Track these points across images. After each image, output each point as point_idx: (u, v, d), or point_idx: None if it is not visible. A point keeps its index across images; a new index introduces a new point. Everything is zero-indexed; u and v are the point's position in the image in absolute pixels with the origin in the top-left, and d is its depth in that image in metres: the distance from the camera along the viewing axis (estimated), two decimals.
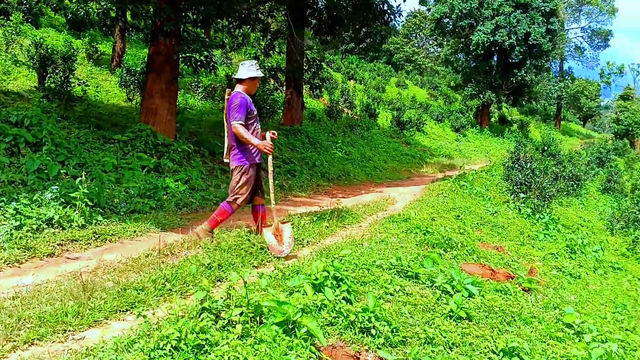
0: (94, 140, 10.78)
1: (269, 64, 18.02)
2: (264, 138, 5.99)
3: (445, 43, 46.62)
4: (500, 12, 37.58)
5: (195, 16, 11.23)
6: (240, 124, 5.73)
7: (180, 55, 11.07)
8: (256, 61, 6.41)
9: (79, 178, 7.02)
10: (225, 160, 6.16)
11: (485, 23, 37.84)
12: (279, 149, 15.74)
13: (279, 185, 12.06)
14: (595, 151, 34.39)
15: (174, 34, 11.15)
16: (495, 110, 47.38)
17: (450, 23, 40.78)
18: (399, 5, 22.83)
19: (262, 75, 6.30)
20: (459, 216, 9.72)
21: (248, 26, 14.66)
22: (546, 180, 12.99)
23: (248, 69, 5.99)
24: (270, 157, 5.94)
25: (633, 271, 10.38)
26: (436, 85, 59.30)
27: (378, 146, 22.31)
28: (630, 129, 50.22)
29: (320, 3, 15.77)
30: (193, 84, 21.05)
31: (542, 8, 37.68)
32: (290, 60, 18.24)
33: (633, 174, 30.47)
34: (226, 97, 6.02)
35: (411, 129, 29.79)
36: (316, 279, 4.15)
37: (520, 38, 36.93)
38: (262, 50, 16.40)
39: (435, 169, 20.88)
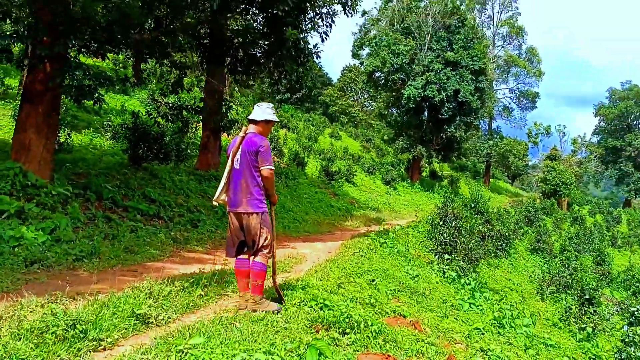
0: None
1: (176, 101, 16.46)
2: None
3: (378, 97, 46.66)
4: (431, 68, 37.93)
5: (80, 42, 9.69)
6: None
7: (60, 84, 9.43)
8: (273, 105, 5.65)
9: None
10: (215, 203, 5.66)
11: (416, 78, 38.00)
12: (187, 195, 14.14)
13: (172, 238, 10.43)
14: (523, 210, 34.38)
15: (55, 60, 9.58)
16: (427, 165, 47.41)
17: (382, 77, 40.80)
18: (316, 44, 21.98)
19: (278, 120, 5.97)
20: (373, 281, 8.41)
21: (153, 60, 13.23)
22: (472, 240, 11.96)
23: (264, 112, 5.60)
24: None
25: (566, 348, 9.29)
26: (369, 138, 59.38)
27: (302, 196, 21.01)
28: (558, 188, 51.28)
29: (235, 41, 14.56)
30: (104, 122, 19.30)
31: (471, 66, 38.28)
32: (209, 101, 16.88)
33: (561, 234, 30.47)
34: (241, 134, 5.52)
35: (340, 180, 28.78)
36: None
37: (450, 94, 37.24)
38: (169, 87, 14.94)
39: (360, 222, 19.67)
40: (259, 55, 14.25)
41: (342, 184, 28.75)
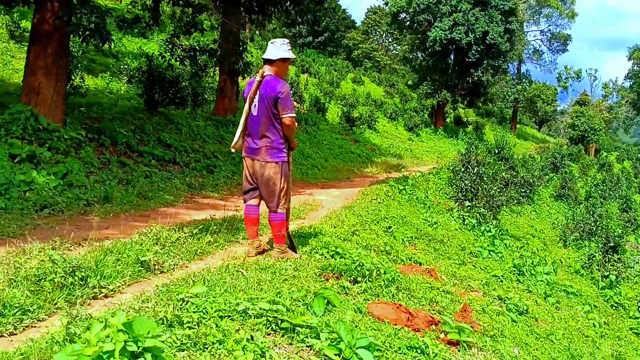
0: None
1: (192, 44, 15.95)
2: None
3: (403, 39, 45.41)
4: (459, 8, 36.46)
5: None
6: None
7: (68, 22, 9.10)
8: (288, 40, 5.21)
9: None
10: (232, 150, 5.39)
11: (442, 19, 36.66)
12: (204, 141, 13.96)
13: (187, 183, 10.29)
14: (549, 156, 33.66)
15: None
16: (451, 110, 46.42)
17: (408, 18, 39.52)
18: None
19: (294, 57, 5.35)
20: (389, 228, 8.18)
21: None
22: (495, 187, 11.61)
23: (278, 49, 5.12)
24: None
25: (587, 295, 9.04)
26: (393, 83, 58.21)
27: (321, 142, 20.69)
28: (586, 134, 50.07)
29: None
30: (121, 66, 19.01)
31: (501, 6, 36.72)
32: (225, 43, 16.42)
33: (587, 181, 29.82)
34: (258, 78, 5.05)
35: (361, 126, 28.31)
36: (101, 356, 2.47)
37: (478, 37, 35.87)
38: (182, 27, 14.45)
39: (381, 169, 19.37)
40: None
41: (363, 131, 28.30)
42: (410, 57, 46.54)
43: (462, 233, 9.91)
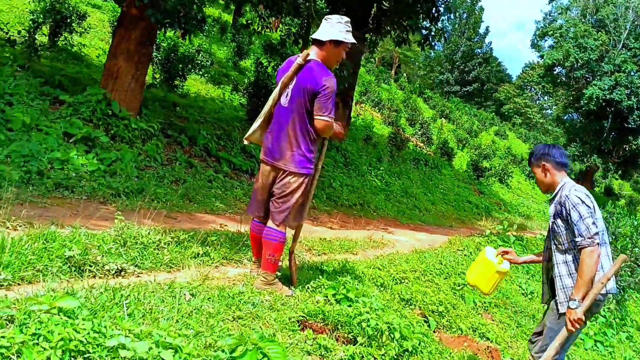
0: (32, 96, 8.53)
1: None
2: None
3: (555, 94, 42.09)
4: (623, 69, 32.88)
5: None
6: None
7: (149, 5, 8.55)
8: (348, 19, 3.95)
9: None
10: (245, 142, 4.20)
11: (603, 78, 33.21)
12: None
13: (250, 196, 9.25)
14: None
15: None
16: (602, 179, 41.87)
17: (563, 72, 36.43)
18: None
19: (353, 42, 4.03)
20: (459, 285, 6.47)
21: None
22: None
23: (332, 27, 3.89)
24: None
25: None
26: (540, 142, 54.31)
27: (437, 186, 18.92)
28: None
29: None
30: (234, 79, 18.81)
31: None
32: (342, 65, 15.49)
33: None
34: (299, 60, 3.86)
35: (490, 179, 25.98)
36: None
37: None
38: (287, 36, 13.54)
39: (497, 225, 17.15)
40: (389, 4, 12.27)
41: (491, 183, 25.97)
42: (565, 117, 43.03)
43: None
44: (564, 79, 37.00)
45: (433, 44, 13.29)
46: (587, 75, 34.76)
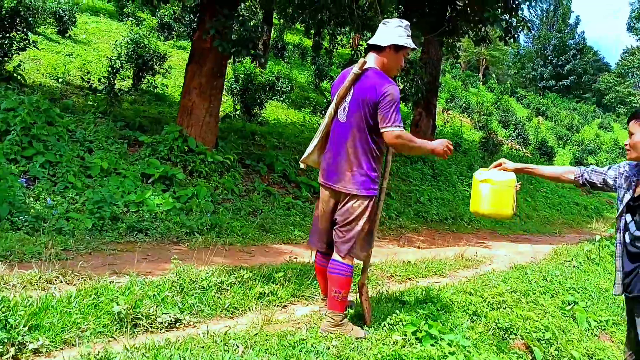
0: (111, 141, 8.71)
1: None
2: None
3: None
4: None
5: None
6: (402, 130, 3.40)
7: (215, 35, 8.47)
8: (408, 23, 3.64)
9: None
10: (302, 166, 3.83)
11: None
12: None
13: None
14: None
15: (220, 7, 8.67)
16: None
17: None
18: None
19: (414, 47, 3.71)
20: (572, 304, 5.72)
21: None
22: None
23: (392, 32, 3.51)
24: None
25: None
26: None
27: (537, 190, 17.67)
28: None
29: None
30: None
31: None
32: (424, 75, 14.99)
33: None
34: (355, 70, 3.47)
35: None
36: None
37: None
38: (355, 51, 13.13)
39: (612, 226, 15.69)
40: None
41: None
42: None
43: None
44: None
45: (516, 36, 12.39)
46: None
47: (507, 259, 7.76)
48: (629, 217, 3.08)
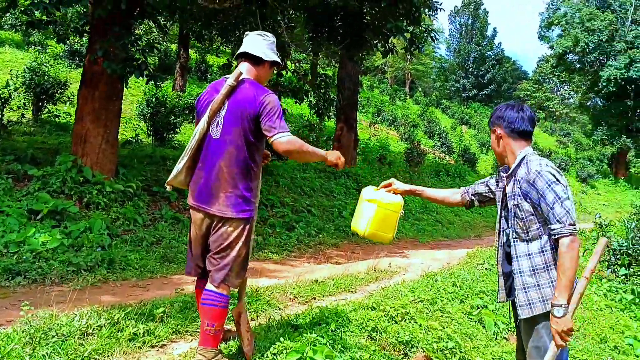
0: None
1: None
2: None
3: (572, 82, 40.73)
4: (636, 44, 31.54)
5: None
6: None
7: (105, 56, 7.95)
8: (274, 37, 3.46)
9: None
10: (167, 188, 3.40)
11: (617, 57, 31.89)
12: (303, 194, 12.19)
13: None
14: None
15: (114, 26, 8.16)
16: (636, 159, 40.02)
17: (575, 59, 35.15)
18: None
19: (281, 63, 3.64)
20: (480, 308, 5.53)
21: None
22: None
23: (270, 48, 3.38)
24: None
25: None
26: (568, 132, 52.75)
27: None
28: None
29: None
30: None
31: None
32: (341, 90, 14.93)
33: None
34: (230, 81, 3.15)
35: None
36: None
37: None
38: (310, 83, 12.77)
39: None
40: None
41: None
42: (587, 104, 41.57)
43: (610, 314, 6.71)
44: (577, 65, 35.66)
45: (421, 47, 12.49)
46: (600, 58, 33.47)
47: (422, 267, 7.57)
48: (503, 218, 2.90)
